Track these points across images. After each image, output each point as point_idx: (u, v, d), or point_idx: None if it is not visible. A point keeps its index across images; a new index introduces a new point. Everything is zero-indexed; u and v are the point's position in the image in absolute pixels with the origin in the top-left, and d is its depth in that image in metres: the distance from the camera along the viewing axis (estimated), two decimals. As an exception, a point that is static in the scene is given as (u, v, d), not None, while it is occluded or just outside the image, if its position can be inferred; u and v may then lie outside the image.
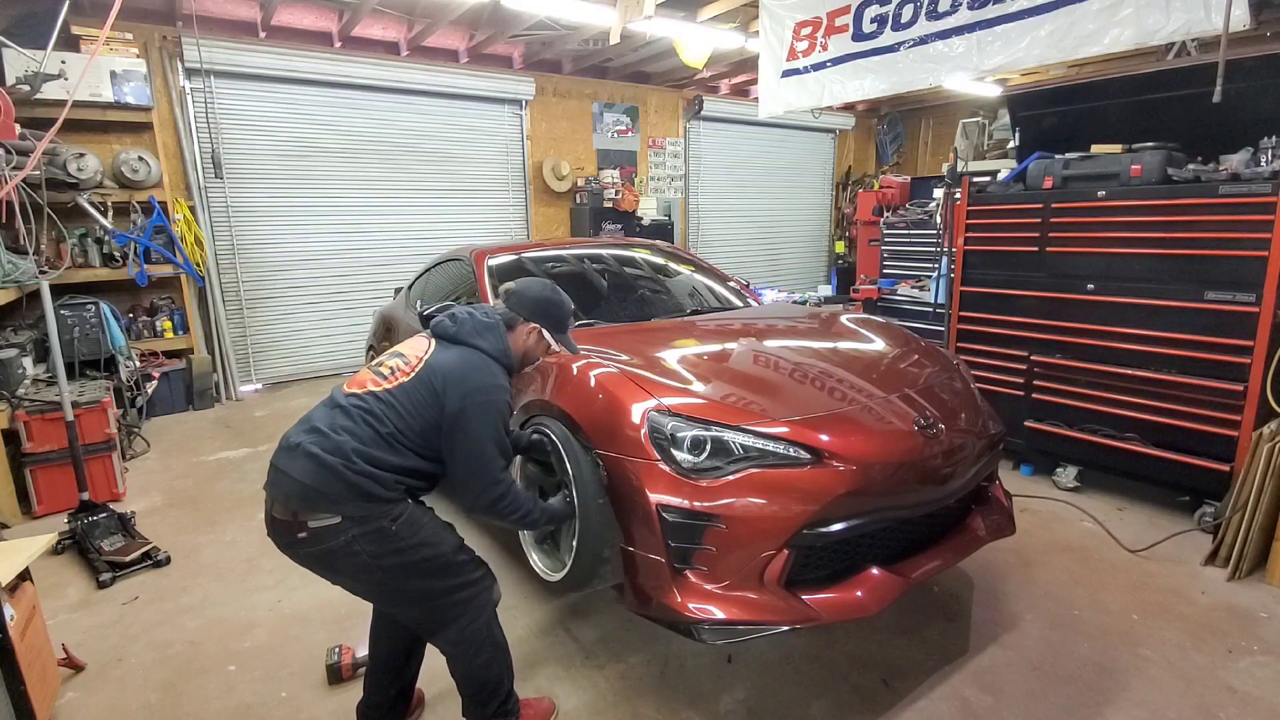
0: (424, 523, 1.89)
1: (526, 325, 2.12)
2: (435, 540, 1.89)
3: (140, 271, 5.38)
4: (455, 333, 2.01)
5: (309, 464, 1.75)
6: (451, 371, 1.90)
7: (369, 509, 1.77)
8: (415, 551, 1.83)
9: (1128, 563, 3.17)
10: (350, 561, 1.80)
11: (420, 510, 1.92)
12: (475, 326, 2.03)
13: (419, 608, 1.93)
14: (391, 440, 1.83)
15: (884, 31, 4.47)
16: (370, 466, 1.77)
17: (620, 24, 4.86)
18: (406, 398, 1.88)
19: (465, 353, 1.97)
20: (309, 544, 1.79)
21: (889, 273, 6.90)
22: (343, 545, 1.77)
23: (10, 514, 3.77)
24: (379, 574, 1.83)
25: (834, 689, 2.37)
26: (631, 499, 2.10)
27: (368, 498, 1.76)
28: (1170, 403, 3.48)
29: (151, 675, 2.53)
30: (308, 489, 1.74)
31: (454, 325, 2.03)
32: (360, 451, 1.78)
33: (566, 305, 2.22)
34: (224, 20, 6.04)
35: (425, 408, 1.87)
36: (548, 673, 2.48)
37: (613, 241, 5.51)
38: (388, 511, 1.80)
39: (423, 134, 7.17)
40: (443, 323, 2.05)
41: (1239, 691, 2.32)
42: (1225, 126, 3.48)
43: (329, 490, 1.74)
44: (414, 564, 1.84)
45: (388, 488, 1.80)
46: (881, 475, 2.15)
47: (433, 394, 1.88)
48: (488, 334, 2.02)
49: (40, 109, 4.68)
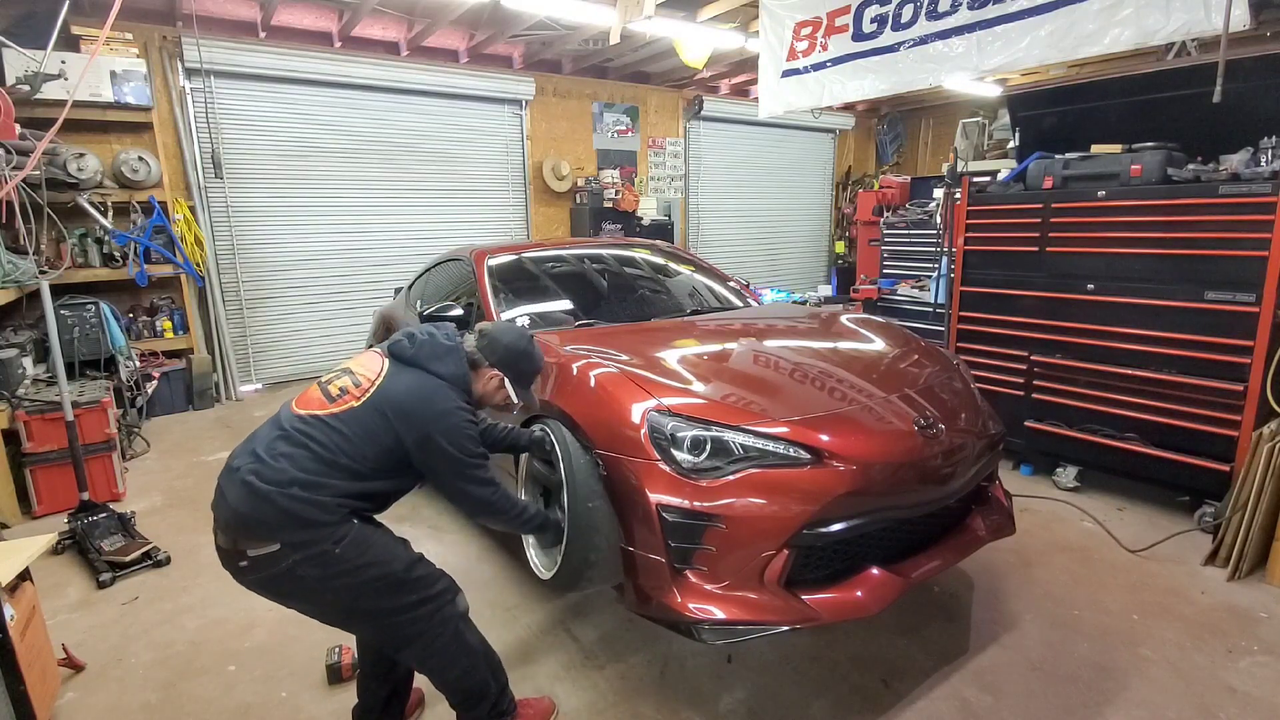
0: (371, 542, 1.82)
1: (490, 370, 2.07)
2: (384, 559, 1.82)
3: (140, 271, 5.38)
4: (412, 355, 1.94)
5: (243, 491, 1.71)
6: (404, 401, 1.84)
7: (308, 535, 1.72)
8: (363, 572, 1.78)
9: (1128, 563, 3.17)
10: (296, 587, 1.77)
11: (367, 530, 1.84)
12: (434, 350, 1.96)
13: (376, 627, 1.89)
14: (334, 466, 1.77)
15: (884, 31, 4.46)
16: (307, 493, 1.71)
17: (620, 24, 4.86)
18: (356, 424, 1.81)
19: (419, 378, 1.90)
20: (250, 571, 1.75)
21: (889, 273, 6.90)
22: (284, 571, 1.73)
23: (10, 514, 3.77)
24: (330, 595, 1.79)
25: (834, 689, 2.37)
26: (631, 499, 2.10)
27: (305, 525, 1.71)
28: (1170, 403, 3.48)
29: (151, 675, 2.53)
30: (243, 517, 1.71)
31: (411, 347, 1.96)
32: (297, 479, 1.72)
33: (538, 360, 2.17)
34: (224, 20, 6.04)
35: (378, 434, 1.82)
36: (548, 673, 2.48)
37: (613, 241, 5.51)
38: (329, 534, 1.74)
39: (423, 134, 7.17)
40: (400, 343, 1.98)
41: (1239, 691, 2.32)
42: (1225, 126, 3.48)
43: (264, 518, 1.69)
44: (363, 584, 1.79)
45: (328, 511, 1.74)
46: (881, 475, 2.15)
47: (385, 421, 1.82)
48: (447, 358, 1.96)
49: (40, 109, 4.68)
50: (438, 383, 1.90)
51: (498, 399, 2.11)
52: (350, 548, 1.76)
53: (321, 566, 1.74)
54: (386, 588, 1.82)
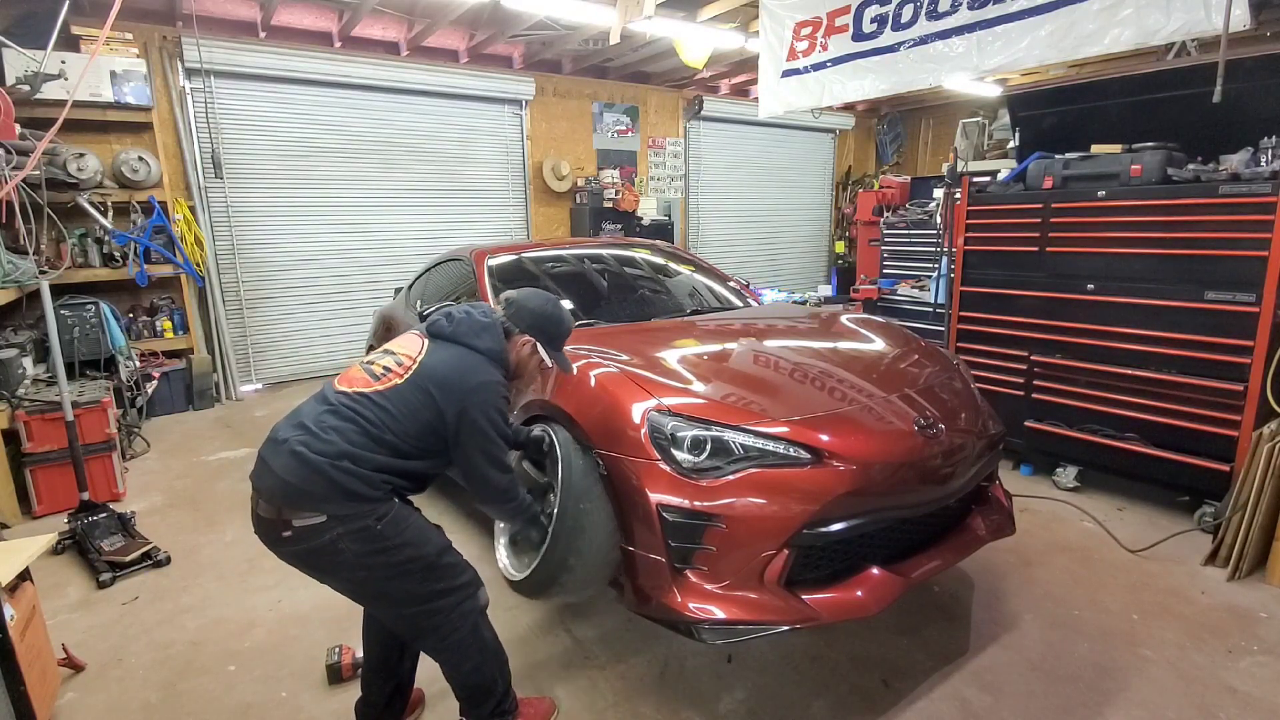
0: (410, 522, 1.87)
1: (522, 337, 2.12)
2: (419, 540, 1.87)
3: (140, 271, 5.38)
4: (451, 332, 2.00)
5: (293, 462, 1.74)
6: (447, 374, 1.90)
7: (354, 508, 1.76)
8: (399, 551, 1.81)
9: (1128, 563, 3.17)
10: (334, 560, 1.80)
11: (406, 510, 1.89)
12: (472, 326, 2.02)
13: (401, 612, 1.91)
14: (381, 442, 1.82)
15: (884, 31, 4.46)
16: (356, 467, 1.76)
17: (620, 24, 4.86)
18: (400, 401, 1.86)
19: (460, 353, 1.96)
20: (293, 542, 1.78)
21: (889, 273, 6.90)
22: (327, 544, 1.76)
23: (10, 514, 3.77)
24: (363, 573, 1.83)
25: (834, 689, 2.37)
26: (632, 499, 2.10)
27: (353, 497, 1.75)
28: (1170, 403, 3.48)
29: (151, 675, 2.53)
30: (291, 487, 1.73)
31: (449, 324, 2.02)
32: (347, 452, 1.76)
33: (566, 322, 2.20)
34: (224, 20, 6.04)
35: (420, 410, 1.86)
36: (548, 673, 2.48)
37: (613, 241, 5.51)
38: (373, 510, 1.78)
39: (423, 134, 7.17)
40: (439, 321, 2.04)
41: (1239, 691, 2.32)
42: (1225, 126, 3.49)
43: (313, 489, 1.73)
44: (397, 564, 1.82)
45: (374, 487, 1.78)
46: (881, 475, 2.15)
47: (427, 398, 1.86)
48: (484, 334, 2.02)
49: (40, 109, 4.68)
50: (477, 357, 1.97)
51: (532, 365, 2.18)
52: (390, 525, 1.80)
53: (362, 541, 1.77)
54: (418, 570, 1.85)
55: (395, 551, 1.81)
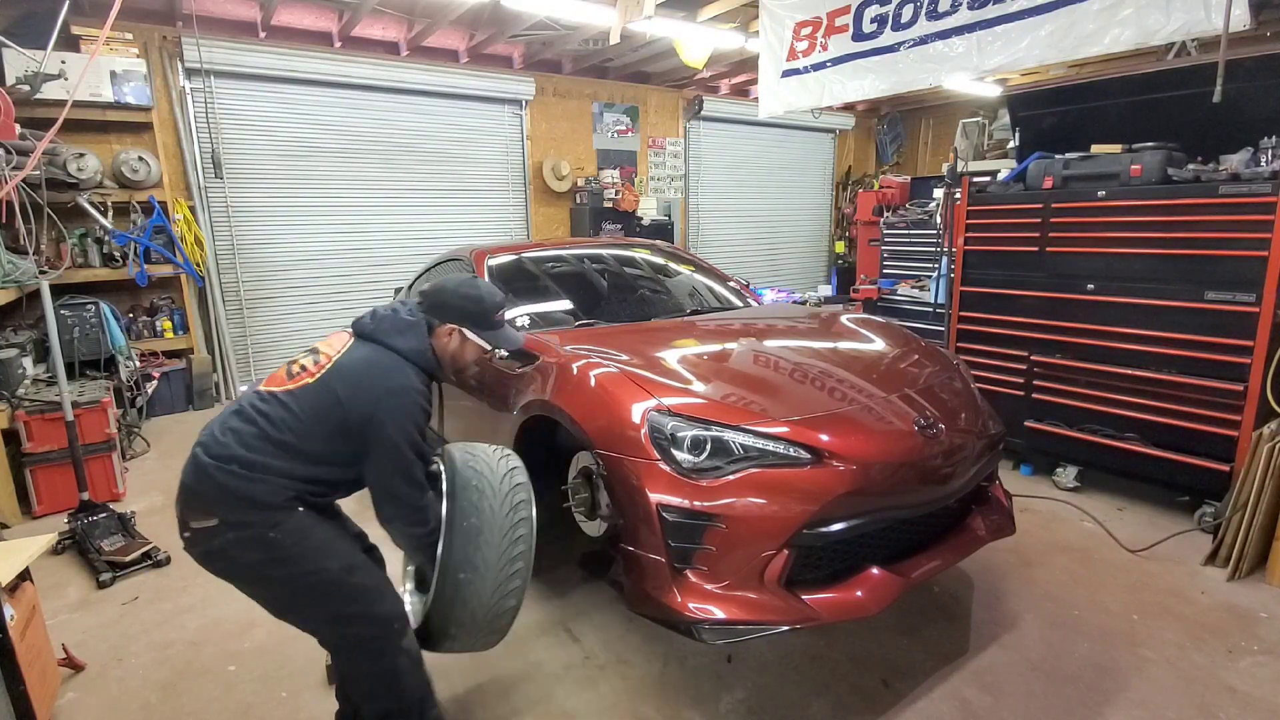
0: (312, 534, 1.74)
1: (444, 328, 1.97)
2: (320, 554, 1.73)
3: (140, 271, 5.38)
4: (372, 330, 1.89)
5: (190, 464, 1.72)
6: (357, 374, 1.79)
7: (246, 514, 1.67)
8: (297, 564, 1.71)
9: (1128, 563, 3.17)
10: (232, 567, 1.75)
11: (312, 520, 1.76)
12: (395, 324, 1.90)
13: (312, 630, 1.82)
14: (281, 445, 1.72)
15: (884, 31, 4.46)
16: (246, 471, 1.67)
17: (620, 24, 4.86)
18: (307, 401, 1.76)
19: (377, 352, 1.84)
20: (191, 545, 1.74)
21: (889, 273, 6.90)
22: (219, 550, 1.71)
23: (10, 514, 3.77)
24: (265, 586, 1.76)
25: (834, 689, 2.37)
26: (632, 499, 2.10)
27: (244, 502, 1.67)
28: (1170, 403, 3.48)
29: (151, 675, 2.52)
30: (186, 489, 1.71)
31: (371, 322, 1.92)
32: (237, 456, 1.68)
33: (486, 299, 2.02)
34: (224, 20, 6.04)
35: (327, 412, 1.75)
36: (548, 673, 2.48)
37: (613, 241, 5.51)
38: (269, 518, 1.68)
39: (423, 134, 7.17)
40: (362, 319, 1.94)
41: (1239, 691, 2.32)
42: (1225, 126, 3.48)
43: (203, 492, 1.68)
44: (296, 578, 1.72)
45: (272, 493, 1.69)
46: (881, 475, 2.15)
47: (335, 399, 1.75)
48: (408, 333, 1.89)
49: (40, 109, 4.68)
50: (395, 359, 1.84)
51: (468, 356, 2.00)
52: (289, 535, 1.70)
53: (258, 550, 1.69)
54: (319, 587, 1.74)
55: (293, 564, 1.71)
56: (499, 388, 2.87)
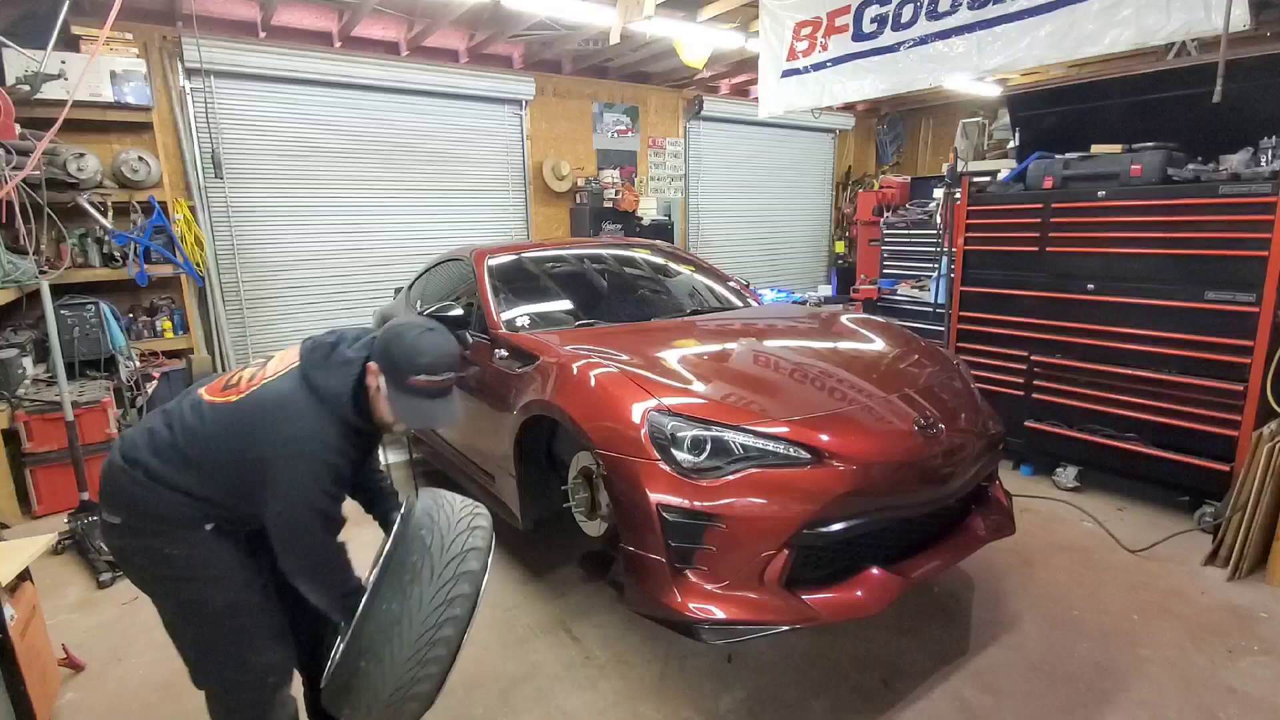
0: (209, 559, 1.62)
1: (371, 364, 1.65)
2: (208, 584, 1.62)
3: (140, 271, 5.37)
4: (307, 357, 1.67)
5: (107, 459, 1.66)
6: (265, 410, 1.59)
7: (147, 523, 1.60)
8: (183, 588, 1.63)
9: (1128, 563, 3.17)
10: (126, 566, 1.72)
11: (216, 544, 1.63)
12: (326, 357, 1.66)
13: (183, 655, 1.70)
14: (185, 460, 1.59)
15: (884, 31, 4.46)
16: (151, 481, 1.58)
17: (620, 24, 4.86)
18: (219, 422, 1.61)
19: (295, 389, 1.61)
20: (101, 535, 1.72)
21: (889, 273, 6.90)
22: (118, 548, 1.67)
23: (10, 514, 3.78)
24: (152, 595, 1.68)
25: (834, 689, 2.37)
26: (632, 499, 2.10)
27: (147, 512, 1.59)
28: (1170, 403, 3.48)
29: (151, 675, 2.52)
30: (101, 480, 1.65)
31: (311, 349, 1.69)
32: (143, 462, 1.59)
33: (423, 352, 1.62)
34: (224, 20, 6.04)
35: (231, 439, 1.59)
36: (548, 673, 2.48)
37: (613, 241, 5.51)
38: (168, 533, 1.60)
39: (423, 134, 7.16)
40: (308, 342, 1.72)
41: (1239, 691, 2.32)
42: (1225, 126, 3.48)
43: (110, 491, 1.63)
44: (179, 601, 1.64)
45: (173, 508, 1.59)
46: (881, 475, 2.15)
47: (239, 428, 1.59)
48: (335, 370, 1.63)
49: (40, 109, 4.67)
50: (309, 401, 1.59)
51: (382, 409, 1.66)
52: (183, 554, 1.61)
53: (149, 560, 1.63)
54: (197, 616, 1.64)
55: (179, 584, 1.63)
56: (499, 388, 2.87)
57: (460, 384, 3.25)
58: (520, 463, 2.76)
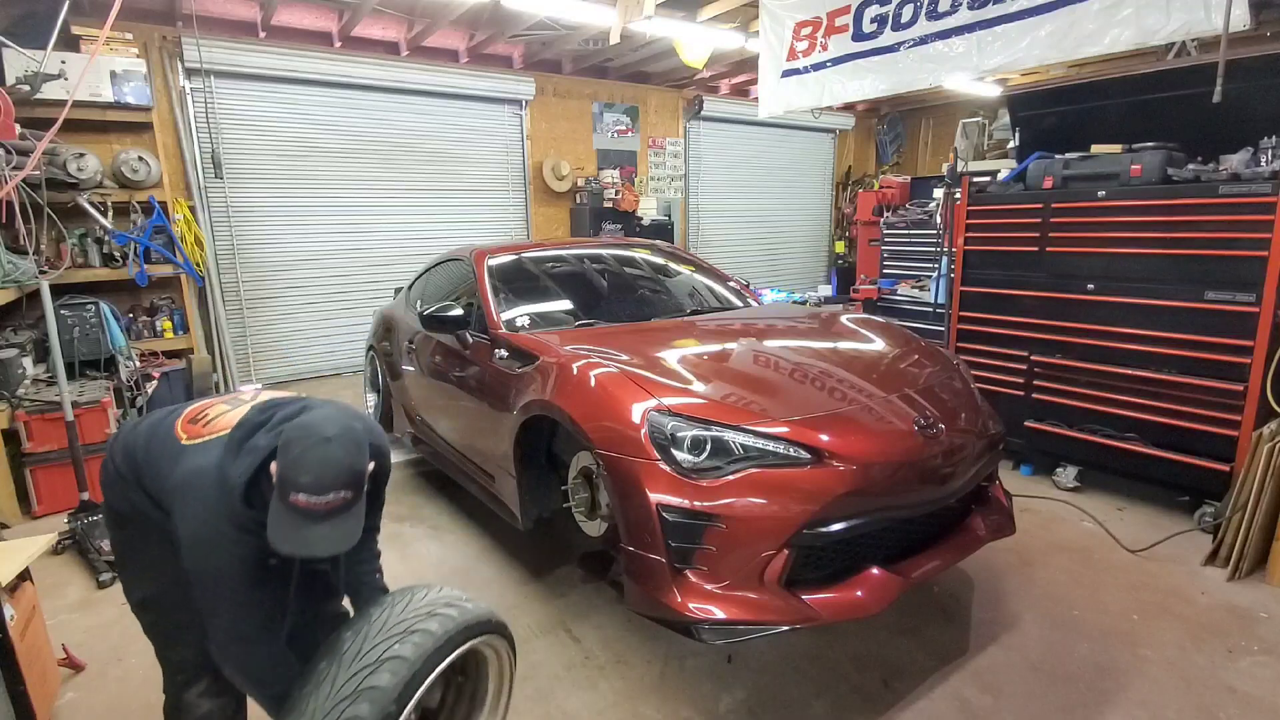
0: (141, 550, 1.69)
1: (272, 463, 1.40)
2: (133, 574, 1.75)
3: (140, 271, 5.37)
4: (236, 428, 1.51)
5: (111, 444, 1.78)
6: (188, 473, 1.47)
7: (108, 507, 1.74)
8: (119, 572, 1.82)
9: (1128, 563, 3.17)
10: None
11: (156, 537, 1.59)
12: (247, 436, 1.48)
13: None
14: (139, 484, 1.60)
15: (884, 31, 4.46)
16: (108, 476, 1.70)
17: (620, 24, 4.86)
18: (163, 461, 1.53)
19: (214, 460, 1.46)
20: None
21: (889, 273, 6.90)
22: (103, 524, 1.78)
23: (10, 514, 3.77)
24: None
25: (834, 689, 2.37)
26: (632, 499, 2.10)
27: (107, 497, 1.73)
28: (1170, 403, 3.48)
29: (152, 675, 2.51)
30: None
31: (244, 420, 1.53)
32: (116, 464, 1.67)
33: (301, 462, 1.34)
34: (224, 20, 6.04)
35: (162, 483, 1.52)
36: (548, 673, 2.48)
37: (613, 241, 5.51)
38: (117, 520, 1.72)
39: (423, 134, 7.17)
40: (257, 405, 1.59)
41: (1239, 691, 2.32)
42: (1225, 126, 3.48)
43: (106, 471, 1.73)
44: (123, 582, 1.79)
45: (120, 500, 1.67)
46: (881, 475, 2.15)
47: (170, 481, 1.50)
48: (245, 458, 1.44)
49: (40, 109, 4.67)
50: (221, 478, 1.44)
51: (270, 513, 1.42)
52: (123, 541, 1.75)
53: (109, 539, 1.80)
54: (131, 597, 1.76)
55: (119, 569, 1.82)
56: (499, 388, 2.88)
57: (460, 384, 3.27)
58: (520, 463, 2.77)
